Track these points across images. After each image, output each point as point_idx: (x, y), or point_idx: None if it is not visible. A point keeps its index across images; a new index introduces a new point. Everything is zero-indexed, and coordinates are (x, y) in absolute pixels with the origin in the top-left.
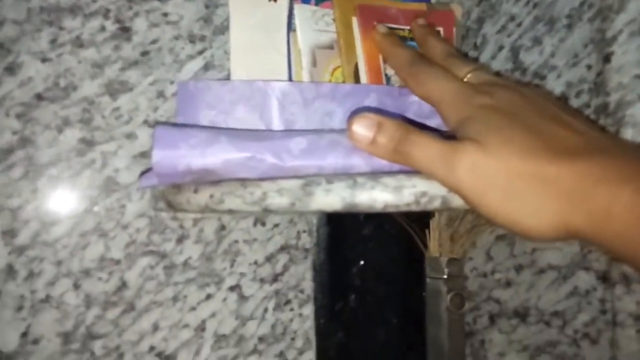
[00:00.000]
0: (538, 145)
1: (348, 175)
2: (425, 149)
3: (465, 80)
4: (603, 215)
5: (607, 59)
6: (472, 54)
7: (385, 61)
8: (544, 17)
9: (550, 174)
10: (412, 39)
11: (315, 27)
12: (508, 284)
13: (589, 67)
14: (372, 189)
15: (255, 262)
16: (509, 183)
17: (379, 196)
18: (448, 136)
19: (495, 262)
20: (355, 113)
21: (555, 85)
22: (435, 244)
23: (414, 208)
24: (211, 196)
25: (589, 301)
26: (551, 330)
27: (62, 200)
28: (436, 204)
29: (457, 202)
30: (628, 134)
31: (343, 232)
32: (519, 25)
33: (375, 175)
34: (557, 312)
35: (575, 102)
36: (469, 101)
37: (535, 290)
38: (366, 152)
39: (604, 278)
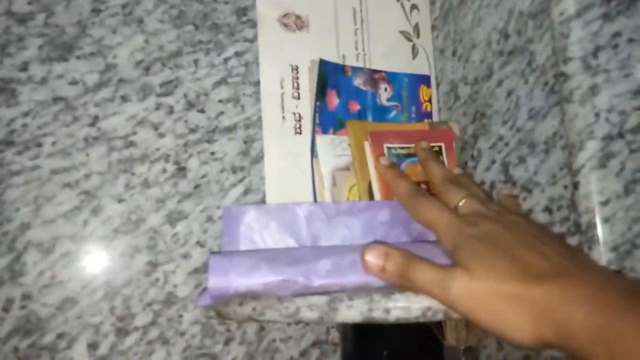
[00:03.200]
0: (514, 270)
1: (366, 293)
2: (425, 275)
3: (458, 207)
4: (565, 332)
5: (575, 186)
6: (471, 163)
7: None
8: (526, 141)
9: (525, 295)
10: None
11: (334, 153)
12: None
13: (565, 187)
14: (385, 305)
15: (291, 358)
16: (494, 303)
17: (392, 311)
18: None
19: (506, 350)
20: (366, 244)
21: (540, 198)
22: (452, 333)
23: (421, 320)
24: (254, 309)
25: None
26: None
27: (133, 315)
28: (440, 316)
29: (456, 314)
30: (599, 250)
31: (367, 326)
32: (507, 144)
33: (388, 291)
34: None
35: (557, 215)
36: (459, 231)
37: None
38: (377, 278)
39: None
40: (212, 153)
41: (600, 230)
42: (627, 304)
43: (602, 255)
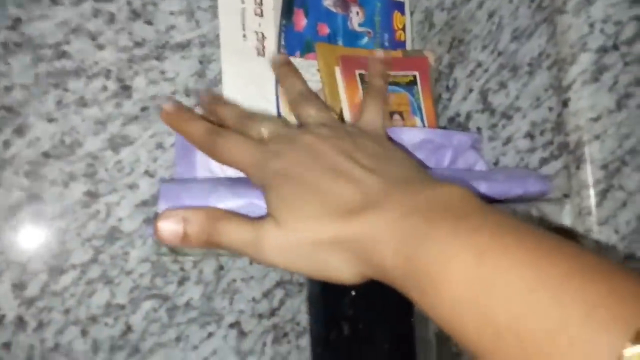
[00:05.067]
0: (323, 210)
1: None
2: (235, 235)
3: (263, 135)
4: (382, 269)
5: (564, 103)
6: (445, 95)
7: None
8: (508, 64)
9: (337, 237)
10: (390, 84)
11: None
12: None
13: (550, 108)
14: None
15: (253, 299)
16: (309, 251)
17: None
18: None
19: None
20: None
21: (521, 124)
22: None
23: None
24: None
25: None
26: None
27: (69, 251)
28: None
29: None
30: (587, 169)
31: None
32: (486, 70)
33: None
34: None
35: (540, 140)
36: (263, 167)
37: None
38: (180, 246)
39: None
40: (162, 72)
41: (589, 148)
42: (431, 227)
43: (590, 174)
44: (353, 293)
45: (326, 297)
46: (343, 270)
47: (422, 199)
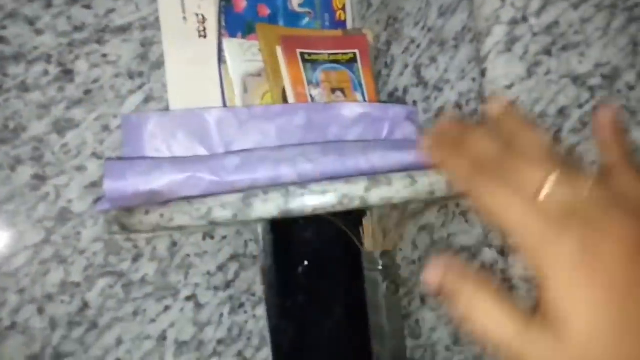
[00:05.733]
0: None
1: (281, 185)
2: (492, 324)
3: (540, 194)
4: None
5: (483, 73)
6: (384, 71)
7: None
8: (437, 40)
9: None
10: (331, 62)
11: (243, 58)
12: None
13: (474, 79)
14: (302, 195)
15: (208, 272)
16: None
17: (308, 201)
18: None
19: (420, 250)
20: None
21: (450, 95)
22: (370, 240)
23: (338, 208)
24: (161, 215)
25: (493, 272)
26: None
27: (20, 233)
28: (356, 203)
29: (373, 199)
30: None
31: (286, 237)
32: (418, 46)
33: (303, 183)
34: None
35: (466, 109)
36: (545, 247)
37: None
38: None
39: (502, 252)
40: (104, 55)
41: None
42: None
43: None
44: (305, 263)
45: (280, 268)
46: None
47: None
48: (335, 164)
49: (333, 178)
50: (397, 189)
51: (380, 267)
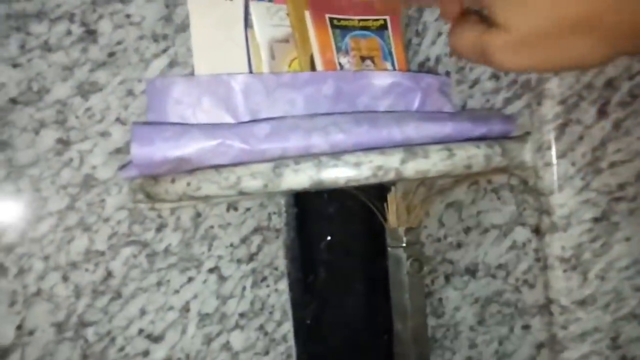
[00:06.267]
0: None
1: (313, 156)
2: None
3: None
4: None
5: None
6: (415, 40)
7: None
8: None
9: (575, 20)
10: (361, 28)
11: (270, 22)
12: (459, 245)
13: None
14: (335, 166)
15: (231, 245)
16: (544, 47)
17: (341, 172)
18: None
19: (447, 227)
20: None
21: (486, 67)
22: (394, 216)
23: (373, 181)
24: (188, 184)
25: (526, 252)
26: (497, 282)
27: (44, 199)
28: (391, 175)
29: (409, 172)
30: (547, 104)
31: (310, 211)
32: None
33: (336, 154)
34: (500, 265)
35: (505, 80)
36: None
37: (482, 248)
38: None
39: (537, 230)
40: (128, 16)
41: (549, 84)
42: None
43: (549, 108)
44: (329, 238)
45: (303, 242)
46: (589, 54)
47: None
48: (369, 134)
49: (366, 149)
50: (434, 162)
51: (404, 244)
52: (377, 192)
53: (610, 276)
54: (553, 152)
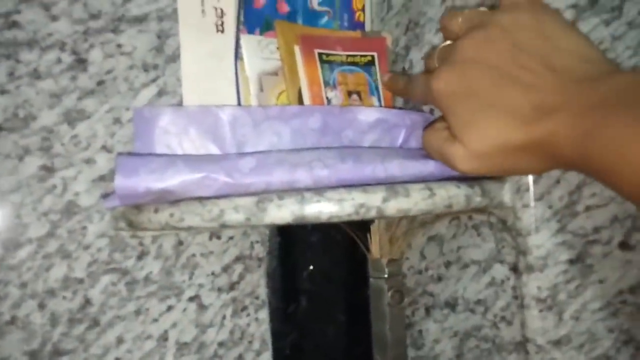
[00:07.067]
0: (503, 125)
1: (296, 191)
2: (432, 141)
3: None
4: (564, 163)
5: None
6: None
7: (398, 94)
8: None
9: (519, 146)
10: (349, 63)
11: (260, 55)
12: (439, 278)
13: None
14: (318, 202)
15: (213, 273)
16: (497, 161)
17: (324, 208)
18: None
19: (428, 260)
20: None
21: None
22: (377, 247)
23: (354, 218)
24: (171, 215)
25: (504, 289)
26: (476, 317)
27: (25, 225)
28: (372, 213)
29: (390, 211)
30: None
31: (293, 240)
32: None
33: (319, 190)
34: (479, 300)
35: None
36: (429, 89)
37: (462, 283)
38: None
39: (515, 269)
40: (119, 46)
41: None
42: (610, 120)
43: None
44: (311, 267)
45: (285, 271)
46: (529, 168)
47: (598, 95)
48: (353, 171)
49: (349, 185)
50: (415, 201)
51: (385, 275)
52: (361, 223)
53: (584, 317)
54: (531, 194)
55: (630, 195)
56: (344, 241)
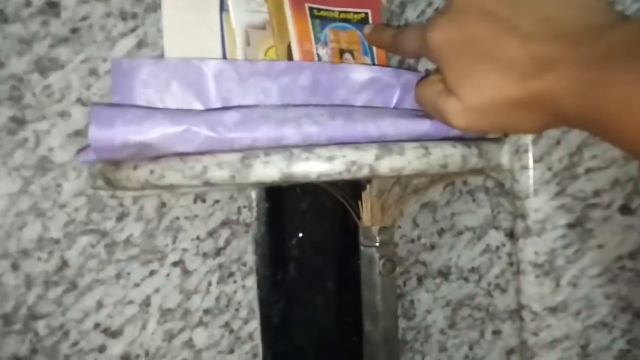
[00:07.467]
0: (500, 79)
1: (284, 147)
2: (425, 95)
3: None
4: (564, 120)
5: None
6: None
7: (384, 48)
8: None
9: (516, 101)
10: (341, 20)
11: (247, 8)
12: (432, 247)
13: None
14: (307, 159)
15: (198, 238)
16: (493, 117)
17: (313, 166)
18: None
19: (421, 228)
20: (289, 90)
21: None
22: (368, 214)
23: (345, 176)
24: (151, 172)
25: (499, 256)
26: (469, 285)
27: None
28: (365, 171)
29: (383, 169)
30: None
31: (282, 206)
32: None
33: (308, 146)
34: (473, 268)
35: None
36: (429, 46)
37: (455, 251)
38: None
39: (511, 234)
40: None
41: None
42: (611, 74)
43: None
44: (300, 234)
45: (273, 238)
46: (527, 125)
47: (602, 45)
48: (343, 128)
49: (340, 143)
50: (409, 160)
51: (377, 244)
52: (352, 189)
53: (582, 283)
54: (530, 155)
55: (634, 151)
56: (335, 208)
